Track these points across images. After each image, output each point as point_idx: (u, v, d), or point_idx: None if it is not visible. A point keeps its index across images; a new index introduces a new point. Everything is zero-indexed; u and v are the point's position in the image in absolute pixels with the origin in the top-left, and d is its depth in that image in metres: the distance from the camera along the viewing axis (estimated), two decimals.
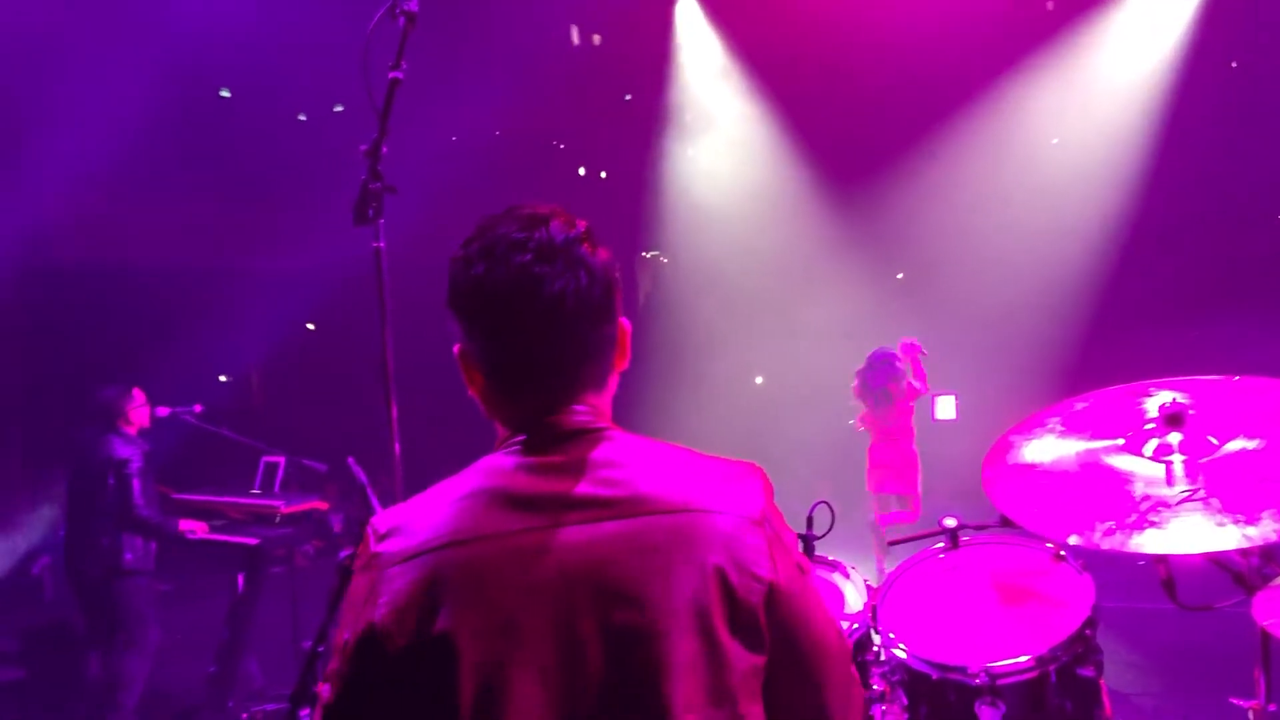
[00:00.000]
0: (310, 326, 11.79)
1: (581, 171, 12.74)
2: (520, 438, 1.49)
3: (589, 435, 1.48)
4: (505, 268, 1.46)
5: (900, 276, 12.09)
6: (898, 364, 7.79)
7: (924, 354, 7.79)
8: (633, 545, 1.39)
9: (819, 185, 11.24)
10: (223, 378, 10.90)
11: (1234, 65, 10.30)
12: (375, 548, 1.46)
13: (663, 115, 11.67)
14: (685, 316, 11.49)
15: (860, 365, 7.95)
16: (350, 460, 2.81)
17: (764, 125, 11.20)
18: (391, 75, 2.74)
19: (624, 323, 1.56)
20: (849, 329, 10.40)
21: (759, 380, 12.54)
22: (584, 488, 1.43)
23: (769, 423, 10.56)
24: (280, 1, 8.39)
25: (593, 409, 1.52)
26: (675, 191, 11.92)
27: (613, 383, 1.58)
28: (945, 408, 8.31)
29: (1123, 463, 2.37)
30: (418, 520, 1.46)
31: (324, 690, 1.46)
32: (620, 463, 1.45)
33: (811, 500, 2.72)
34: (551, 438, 1.47)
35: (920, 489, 8.14)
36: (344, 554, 2.70)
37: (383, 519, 1.50)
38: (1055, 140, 10.79)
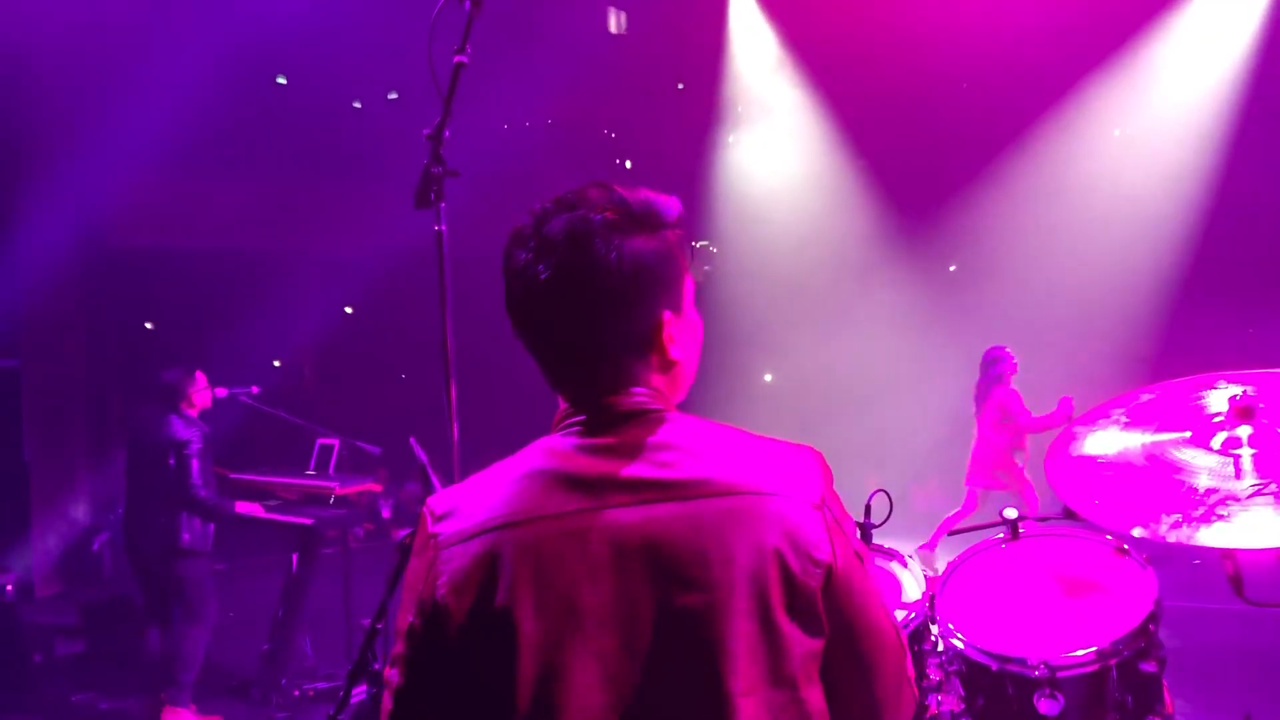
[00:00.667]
0: (348, 310, 11.89)
1: (628, 165, 12.73)
2: (579, 418, 1.49)
3: (647, 417, 1.48)
4: (512, 263, 1.49)
5: (952, 269, 11.97)
6: (993, 368, 7.70)
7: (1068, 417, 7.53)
8: (691, 527, 1.39)
9: (873, 177, 11.12)
10: (276, 362, 11.04)
11: None
12: (433, 528, 1.47)
13: (715, 105, 11.62)
14: (735, 306, 11.46)
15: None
16: (412, 440, 2.82)
17: (819, 116, 11.12)
18: (456, 59, 2.74)
19: (667, 317, 1.50)
20: (903, 321, 10.33)
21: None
22: (642, 469, 1.42)
23: (820, 415, 10.52)
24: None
25: (653, 392, 1.51)
26: (726, 181, 11.85)
27: (682, 371, 1.56)
28: None
29: (1189, 456, 2.33)
30: (475, 501, 1.47)
31: (390, 674, 1.47)
32: (678, 445, 1.45)
33: (867, 490, 2.71)
34: (609, 419, 1.47)
35: (980, 485, 8.13)
36: (403, 534, 2.72)
37: (439, 500, 1.51)
38: (1117, 132, 10.62)
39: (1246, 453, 2.28)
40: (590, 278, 1.44)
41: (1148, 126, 10.14)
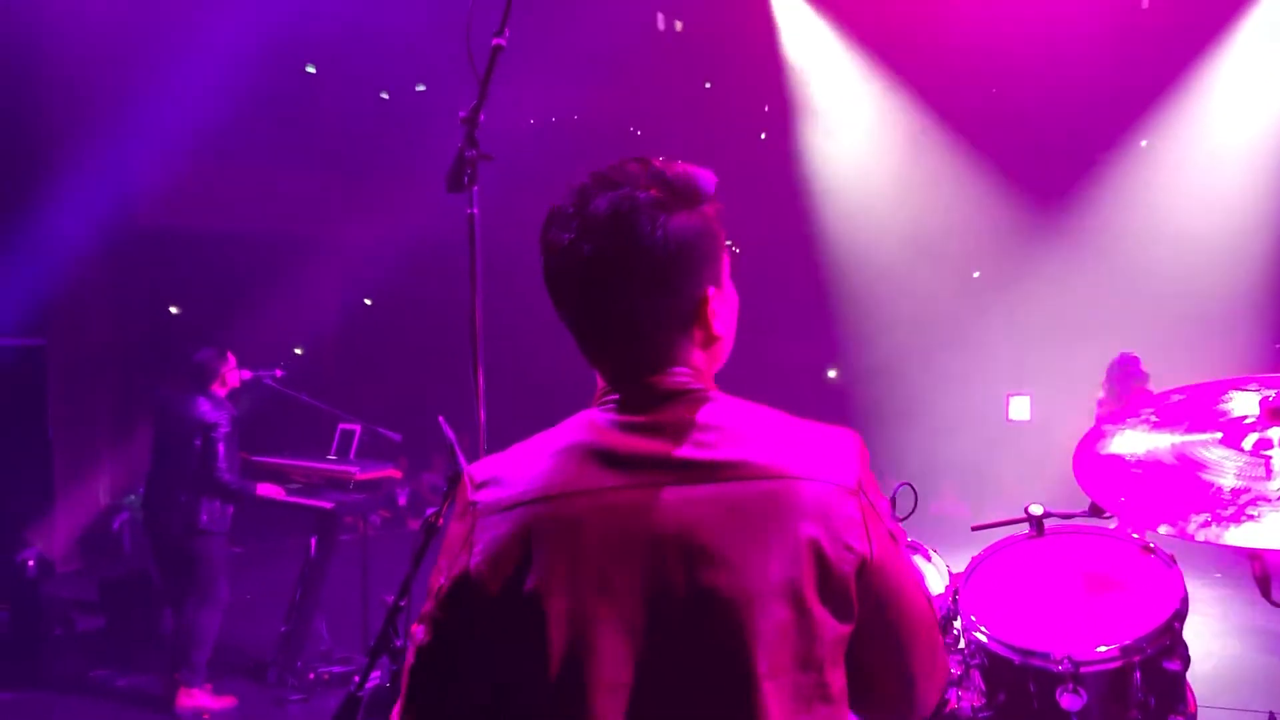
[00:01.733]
0: (368, 302, 11.95)
1: (660, 160, 12.70)
2: (619, 394, 1.49)
3: (687, 396, 1.48)
4: (556, 240, 1.48)
5: (976, 275, 11.93)
6: (1130, 372, 7.61)
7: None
8: (726, 509, 1.39)
9: (930, 178, 11.00)
10: (298, 350, 11.10)
11: None
12: (472, 495, 1.48)
13: (759, 103, 11.54)
14: (764, 304, 11.44)
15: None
16: (440, 419, 2.84)
17: (881, 113, 10.91)
18: (495, 42, 2.74)
19: (709, 293, 1.50)
20: (929, 332, 10.25)
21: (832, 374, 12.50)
22: (680, 449, 1.42)
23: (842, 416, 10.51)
24: None
25: (694, 371, 1.51)
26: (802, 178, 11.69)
27: (722, 345, 1.56)
28: (1019, 408, 8.25)
29: (1219, 456, 2.33)
30: (514, 471, 1.47)
31: (417, 631, 1.48)
32: (717, 425, 1.45)
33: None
34: (650, 397, 1.47)
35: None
36: (430, 511, 2.74)
37: (480, 468, 1.51)
38: (1144, 143, 10.57)
39: (1278, 454, 2.27)
40: (637, 256, 1.44)
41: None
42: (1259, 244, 9.51)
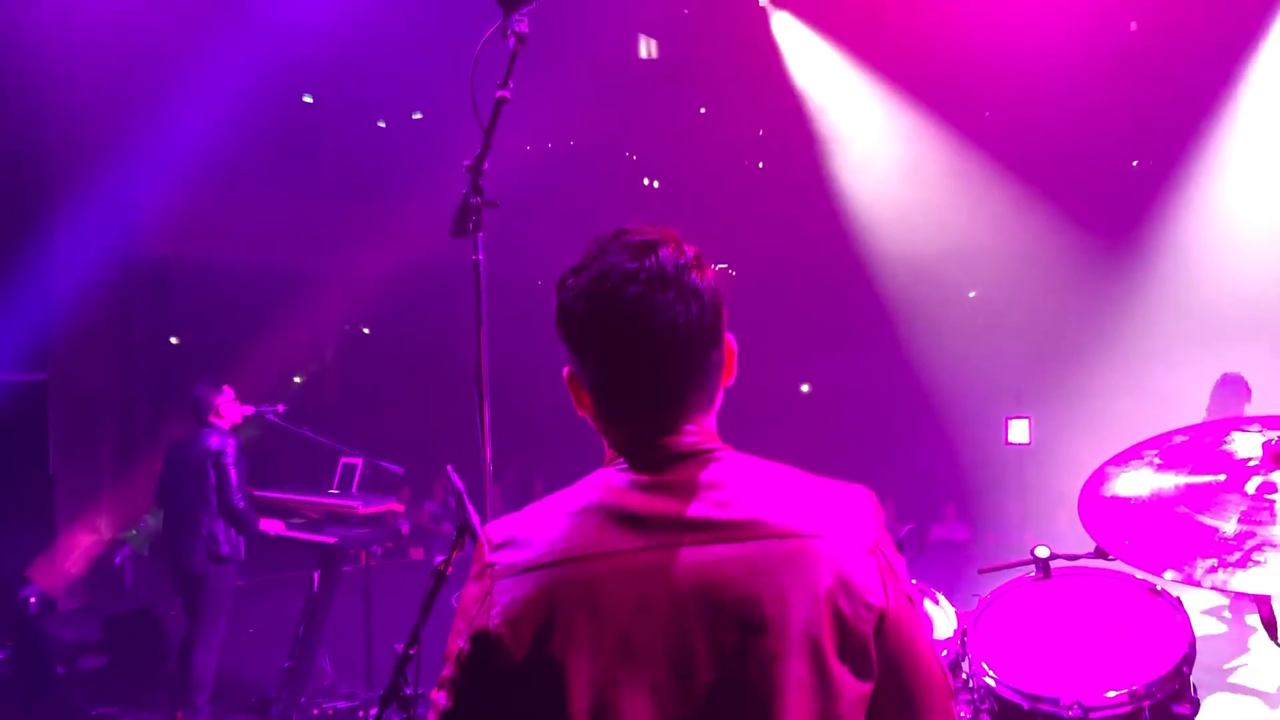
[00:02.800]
0: (366, 331, 11.97)
1: (656, 185, 12.80)
2: (635, 455, 1.51)
3: (700, 456, 1.49)
4: (619, 299, 1.47)
5: (972, 295, 11.98)
6: (1239, 392, 7.48)
7: None
8: (746, 569, 1.40)
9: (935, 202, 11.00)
10: (297, 379, 11.11)
11: None
12: (490, 557, 1.48)
13: (755, 127, 11.55)
14: (750, 326, 11.45)
15: None
16: (449, 468, 2.85)
17: (881, 135, 10.89)
18: (499, 94, 2.78)
19: (730, 341, 1.56)
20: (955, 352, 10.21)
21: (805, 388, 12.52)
22: (697, 509, 1.44)
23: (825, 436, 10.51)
24: (370, 13, 8.56)
25: (702, 429, 1.53)
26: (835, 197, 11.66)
27: (719, 400, 1.59)
28: (1019, 431, 8.27)
29: (1223, 499, 2.34)
30: (532, 533, 1.48)
31: (438, 697, 1.49)
32: (732, 484, 1.47)
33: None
34: (664, 458, 1.49)
35: None
36: (438, 560, 2.74)
37: (497, 529, 1.52)
38: (1135, 163, 10.63)
39: None
40: (697, 308, 1.48)
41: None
42: (1262, 259, 9.51)
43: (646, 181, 12.94)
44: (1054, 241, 10.29)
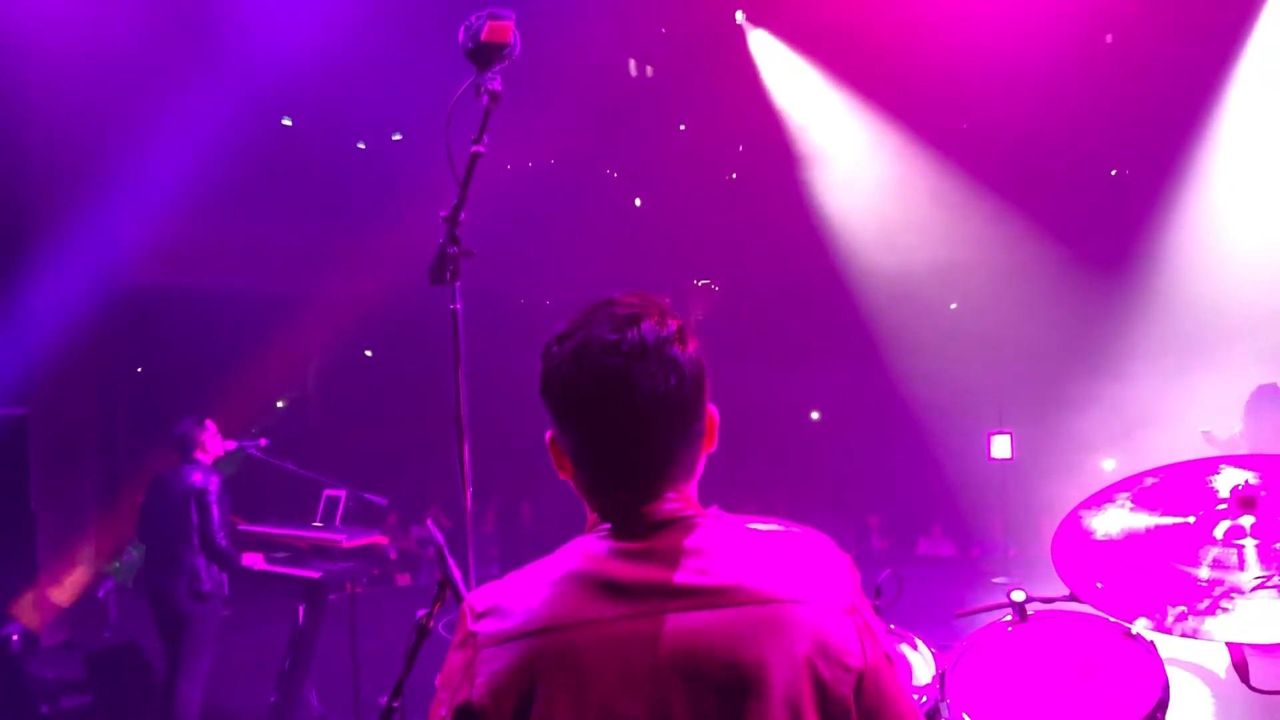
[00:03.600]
0: (368, 354, 11.97)
1: (638, 202, 12.84)
2: (615, 522, 1.53)
3: (680, 523, 1.52)
4: (599, 370, 1.49)
5: (953, 306, 12.04)
6: (1265, 404, 7.37)
7: None
8: (726, 636, 1.43)
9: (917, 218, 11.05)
10: (280, 403, 11.09)
11: None
12: (473, 626, 1.50)
13: (734, 144, 11.57)
14: (736, 343, 11.48)
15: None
16: (429, 522, 2.87)
17: (861, 151, 10.89)
18: (474, 149, 2.81)
19: (712, 412, 1.59)
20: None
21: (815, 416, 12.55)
22: (678, 576, 1.46)
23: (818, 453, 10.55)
24: (346, 34, 8.57)
25: (683, 496, 1.55)
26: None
27: (700, 467, 1.61)
28: (1001, 447, 8.33)
29: (1193, 543, 2.38)
30: (514, 601, 1.50)
31: None
32: (711, 551, 1.49)
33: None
34: (645, 525, 1.51)
35: None
36: (420, 613, 2.75)
37: (480, 597, 1.54)
38: (1113, 172, 10.72)
39: (1250, 543, 2.32)
40: (678, 382, 1.50)
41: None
42: (1240, 268, 9.56)
43: (630, 199, 12.99)
44: (1033, 255, 10.36)
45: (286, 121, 10.89)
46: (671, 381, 1.50)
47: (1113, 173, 11.07)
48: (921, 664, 2.67)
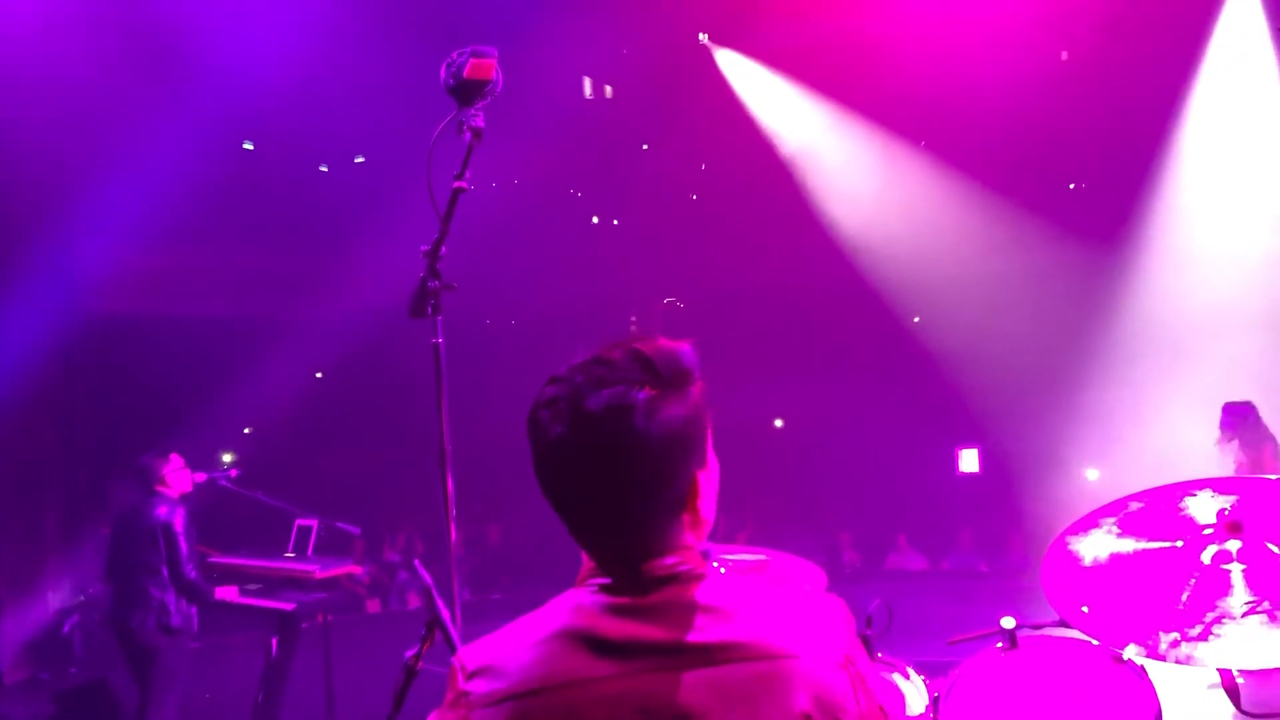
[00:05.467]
0: (319, 375, 11.85)
1: (596, 220, 12.86)
2: (606, 578, 1.52)
3: (676, 579, 1.50)
4: (545, 435, 1.50)
5: (917, 320, 12.14)
6: (1256, 422, 7.39)
7: None
8: (720, 693, 1.42)
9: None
10: (246, 430, 10.97)
11: None
12: (463, 686, 1.49)
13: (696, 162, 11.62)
14: (703, 360, 11.48)
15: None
16: (417, 562, 2.85)
17: (836, 164, 11.00)
18: (456, 185, 2.80)
19: (700, 479, 1.54)
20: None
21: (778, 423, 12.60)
22: (670, 633, 1.45)
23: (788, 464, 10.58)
24: (306, 58, 8.52)
25: (683, 552, 1.53)
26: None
27: (704, 525, 1.58)
28: (969, 461, 8.42)
29: (1180, 568, 2.40)
30: (505, 660, 1.49)
31: None
32: (705, 607, 1.48)
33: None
34: (639, 582, 1.50)
35: None
36: (408, 654, 2.73)
37: (470, 655, 1.53)
38: (1071, 186, 10.88)
39: (1237, 568, 2.35)
40: (632, 455, 1.46)
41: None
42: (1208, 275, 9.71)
43: (594, 219, 13.01)
44: (1001, 269, 10.49)
45: (248, 146, 10.81)
46: (620, 455, 1.47)
47: (1070, 186, 11.22)
48: (914, 693, 2.68)
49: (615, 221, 12.93)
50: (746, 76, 10.79)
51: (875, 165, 10.71)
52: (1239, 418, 7.32)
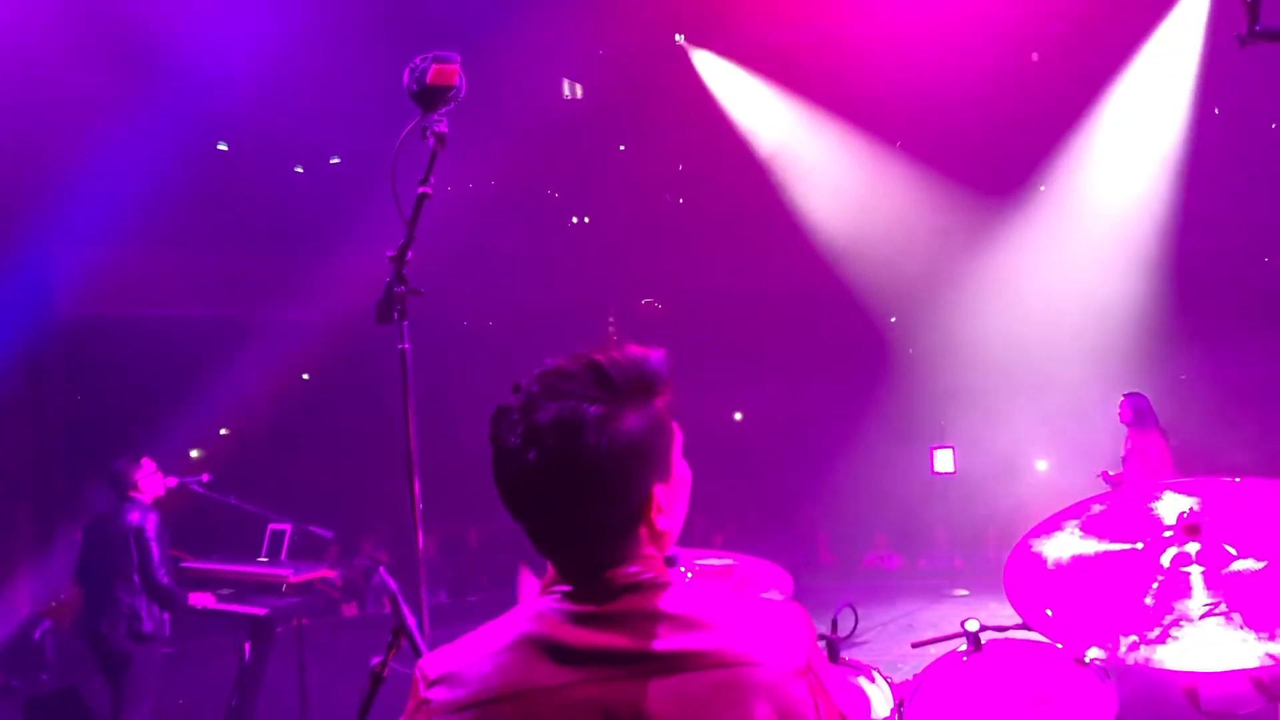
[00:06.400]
0: (305, 377, 11.81)
1: (574, 220, 12.86)
2: (569, 586, 1.51)
3: (637, 588, 1.50)
4: (501, 444, 1.50)
5: (893, 320, 12.18)
6: (1149, 414, 7.55)
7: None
8: (681, 701, 1.42)
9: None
10: (223, 430, 10.90)
11: None
12: (425, 694, 1.49)
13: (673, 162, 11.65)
14: (680, 361, 11.50)
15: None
16: (382, 570, 2.83)
17: (806, 162, 11.08)
18: (420, 190, 2.79)
19: (657, 490, 1.52)
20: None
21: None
22: (631, 641, 1.46)
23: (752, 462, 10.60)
24: (280, 59, 8.49)
25: (644, 561, 1.53)
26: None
27: (669, 533, 1.57)
28: (943, 460, 8.46)
29: (1141, 570, 2.41)
30: (466, 668, 1.49)
31: None
32: (666, 615, 1.48)
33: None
34: (601, 591, 1.50)
35: None
36: (375, 661, 2.71)
37: (431, 663, 1.53)
38: (1042, 188, 10.96)
39: (1196, 570, 2.37)
40: (581, 469, 1.46)
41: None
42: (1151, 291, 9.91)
43: (572, 219, 13.01)
44: (973, 269, 10.55)
45: (222, 146, 10.75)
46: (570, 470, 1.46)
47: (1042, 188, 11.29)
48: (879, 697, 2.69)
49: (590, 221, 12.92)
50: (723, 77, 10.82)
51: (851, 166, 10.75)
52: (1135, 408, 7.56)
